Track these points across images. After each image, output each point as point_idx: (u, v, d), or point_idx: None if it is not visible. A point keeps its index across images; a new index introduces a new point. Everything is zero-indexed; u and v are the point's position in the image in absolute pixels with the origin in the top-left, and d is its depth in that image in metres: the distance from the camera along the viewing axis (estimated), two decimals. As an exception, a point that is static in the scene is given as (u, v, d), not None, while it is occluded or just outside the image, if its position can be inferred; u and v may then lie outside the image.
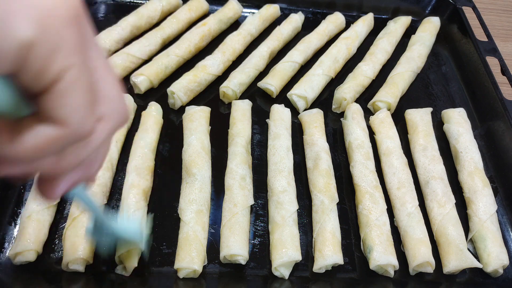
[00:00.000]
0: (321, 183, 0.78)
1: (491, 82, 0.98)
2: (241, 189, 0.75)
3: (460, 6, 1.17)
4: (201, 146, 0.81)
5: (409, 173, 0.82)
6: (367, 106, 0.97)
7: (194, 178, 0.76)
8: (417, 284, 0.73)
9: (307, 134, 0.88)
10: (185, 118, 0.86)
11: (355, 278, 0.72)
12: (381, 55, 1.06)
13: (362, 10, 1.21)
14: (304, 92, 0.93)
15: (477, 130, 0.97)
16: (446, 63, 1.13)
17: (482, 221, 0.76)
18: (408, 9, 1.23)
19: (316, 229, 0.73)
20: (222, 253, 0.69)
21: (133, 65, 0.97)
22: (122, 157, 0.81)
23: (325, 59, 1.01)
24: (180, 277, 0.67)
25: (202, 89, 0.94)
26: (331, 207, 0.75)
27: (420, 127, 0.90)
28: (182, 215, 0.71)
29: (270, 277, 0.70)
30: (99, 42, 0.95)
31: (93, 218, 0.54)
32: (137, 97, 0.92)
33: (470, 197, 0.80)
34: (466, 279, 0.74)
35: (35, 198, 0.70)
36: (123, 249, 0.65)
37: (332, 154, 0.86)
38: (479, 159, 0.85)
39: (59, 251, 0.69)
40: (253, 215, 0.77)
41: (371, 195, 0.77)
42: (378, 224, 0.73)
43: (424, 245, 0.72)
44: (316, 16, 1.20)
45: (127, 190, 0.73)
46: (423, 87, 1.06)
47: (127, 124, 0.32)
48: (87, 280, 0.66)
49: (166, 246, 0.71)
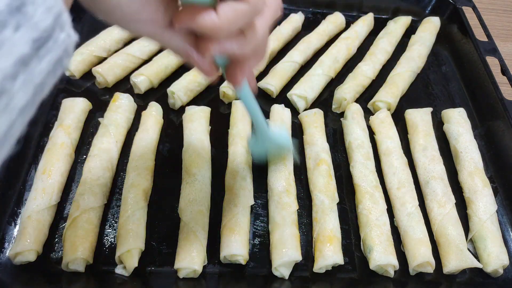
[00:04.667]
0: (321, 183, 0.78)
1: (491, 82, 0.98)
2: (241, 189, 0.75)
3: (460, 6, 1.17)
4: (201, 146, 0.81)
5: (409, 173, 0.82)
6: (367, 106, 0.97)
7: (194, 178, 0.76)
8: (417, 284, 0.73)
9: (307, 134, 0.88)
10: (185, 118, 0.86)
11: (355, 278, 0.72)
12: (381, 55, 1.06)
13: (362, 10, 1.21)
14: (304, 92, 0.93)
15: (477, 130, 0.97)
16: (446, 63, 1.13)
17: (482, 221, 0.76)
18: (408, 9, 1.23)
19: (316, 229, 0.73)
20: (222, 253, 0.69)
21: (133, 65, 0.96)
22: (122, 157, 0.81)
23: (325, 59, 1.01)
24: (180, 277, 0.67)
25: (202, 89, 0.94)
26: (331, 207, 0.75)
27: (420, 127, 0.90)
28: (182, 215, 0.71)
29: (270, 277, 0.70)
30: (99, 42, 0.95)
31: (254, 123, 0.67)
32: (137, 97, 0.92)
33: (470, 197, 0.80)
34: (466, 279, 0.74)
35: (35, 198, 0.70)
36: (275, 153, 0.78)
37: (332, 154, 0.86)
38: (479, 159, 0.85)
39: (59, 251, 0.69)
40: (253, 215, 0.77)
41: (371, 195, 0.77)
42: (378, 224, 0.73)
43: (424, 245, 0.72)
44: (316, 16, 1.20)
45: (127, 190, 0.73)
46: (423, 87, 1.06)
47: (275, 14, 0.48)
48: (87, 280, 0.66)
49: (166, 246, 0.71)
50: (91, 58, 0.95)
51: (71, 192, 0.76)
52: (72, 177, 0.78)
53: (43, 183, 0.72)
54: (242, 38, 0.43)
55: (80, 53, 0.94)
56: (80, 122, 0.83)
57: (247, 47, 0.44)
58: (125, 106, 0.86)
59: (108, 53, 0.98)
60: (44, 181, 0.72)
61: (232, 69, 0.48)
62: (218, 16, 0.38)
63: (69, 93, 0.91)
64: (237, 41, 0.43)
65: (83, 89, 0.93)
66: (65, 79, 0.93)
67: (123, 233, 0.68)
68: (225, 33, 0.40)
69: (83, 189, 0.72)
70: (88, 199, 0.70)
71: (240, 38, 0.43)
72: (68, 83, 0.93)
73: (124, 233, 0.68)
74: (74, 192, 0.75)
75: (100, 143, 0.79)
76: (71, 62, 0.92)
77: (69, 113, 0.82)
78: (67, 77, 0.93)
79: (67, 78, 0.94)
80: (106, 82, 0.93)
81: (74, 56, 0.93)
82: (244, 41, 0.43)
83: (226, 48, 0.43)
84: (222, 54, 0.45)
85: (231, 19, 0.39)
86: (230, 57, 0.47)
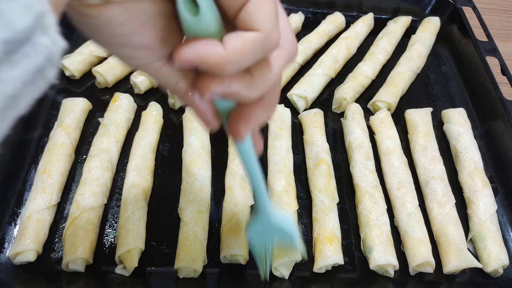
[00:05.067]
0: (321, 183, 0.78)
1: (491, 82, 0.98)
2: (241, 189, 0.75)
3: (460, 6, 1.17)
4: (201, 146, 0.81)
5: (409, 173, 0.82)
6: (367, 106, 0.97)
7: (194, 178, 0.76)
8: (417, 284, 0.73)
9: (307, 134, 0.88)
10: (185, 118, 0.86)
11: (355, 278, 0.72)
12: (381, 55, 1.06)
13: (362, 10, 1.21)
14: (304, 92, 0.94)
15: (477, 130, 0.97)
16: (446, 63, 1.13)
17: (482, 221, 0.76)
18: (408, 9, 1.23)
19: (316, 229, 0.73)
20: (222, 253, 0.69)
21: (133, 65, 0.96)
22: (122, 157, 0.81)
23: (325, 59, 1.01)
24: (180, 277, 0.67)
25: (202, 89, 0.94)
26: (331, 207, 0.75)
27: (420, 127, 0.90)
28: (182, 215, 0.71)
29: (270, 277, 0.70)
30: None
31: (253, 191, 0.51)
32: (137, 97, 0.92)
33: (470, 197, 0.80)
34: (466, 279, 0.74)
35: (35, 198, 0.70)
36: (283, 252, 0.66)
37: (332, 154, 0.86)
38: (479, 159, 0.85)
39: (59, 251, 0.69)
40: (253, 215, 0.77)
41: (371, 195, 0.77)
42: (378, 224, 0.73)
43: (424, 245, 0.72)
44: (316, 16, 1.20)
45: (127, 190, 0.73)
46: (423, 87, 1.06)
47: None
48: (87, 280, 0.66)
49: (166, 246, 0.71)
50: (91, 58, 0.95)
51: (71, 192, 0.76)
52: (72, 177, 0.78)
53: (43, 183, 0.72)
54: (250, 79, 0.36)
55: (80, 53, 0.94)
56: (80, 122, 0.83)
57: (256, 90, 0.37)
58: (125, 106, 0.86)
59: (108, 53, 0.97)
60: (44, 181, 0.72)
61: (235, 119, 0.40)
62: (224, 47, 0.32)
63: (69, 93, 0.91)
64: (245, 81, 0.35)
65: (83, 89, 0.93)
66: (65, 79, 0.94)
67: (123, 233, 0.68)
68: (232, 68, 0.33)
69: (83, 189, 0.72)
70: (88, 199, 0.70)
71: (248, 79, 0.36)
72: (68, 83, 0.93)
73: (124, 233, 0.68)
74: (74, 192, 0.75)
75: (100, 143, 0.79)
76: (71, 63, 0.92)
77: (69, 113, 0.82)
78: (67, 77, 0.94)
79: (67, 78, 0.94)
80: (106, 82, 0.93)
81: (74, 56, 0.93)
82: (252, 83, 0.36)
83: (231, 88, 0.35)
84: (225, 97, 0.37)
85: (239, 51, 0.32)
86: (235, 102, 0.39)
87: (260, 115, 0.40)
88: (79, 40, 0.99)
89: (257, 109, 0.39)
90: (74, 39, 1.01)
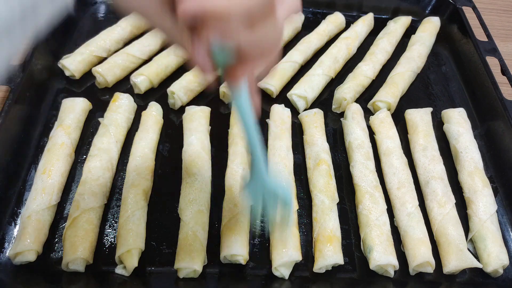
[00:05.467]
0: (321, 183, 0.78)
1: (491, 82, 0.98)
2: (241, 189, 0.75)
3: (460, 6, 1.17)
4: (201, 146, 0.81)
5: (409, 173, 0.82)
6: (367, 106, 0.97)
7: (194, 178, 0.76)
8: (417, 284, 0.73)
9: (307, 134, 0.88)
10: (185, 118, 0.86)
11: (355, 278, 0.72)
12: (381, 55, 1.06)
13: (362, 10, 1.21)
14: (304, 92, 0.94)
15: (477, 130, 0.97)
16: (446, 63, 1.13)
17: (482, 221, 0.76)
18: (408, 9, 1.23)
19: (316, 229, 0.73)
20: (222, 253, 0.69)
21: (133, 65, 0.96)
22: (122, 157, 0.81)
23: (325, 59, 1.01)
24: (180, 277, 0.67)
25: (202, 89, 0.94)
26: (331, 207, 0.75)
27: (420, 127, 0.90)
28: (182, 215, 0.71)
29: (270, 277, 0.70)
30: (99, 42, 0.95)
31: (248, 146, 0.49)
32: (137, 97, 0.92)
33: (470, 197, 0.80)
34: (466, 279, 0.74)
35: (35, 198, 0.70)
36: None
37: (332, 154, 0.86)
38: (479, 159, 0.85)
39: (59, 251, 0.69)
40: (253, 215, 0.77)
41: (371, 195, 0.77)
42: (378, 224, 0.73)
43: (424, 245, 0.72)
44: (316, 16, 1.20)
45: (127, 190, 0.73)
46: (423, 87, 1.06)
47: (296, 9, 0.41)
48: (87, 280, 0.66)
49: (166, 246, 0.71)
50: (91, 58, 0.95)
51: (71, 192, 0.76)
52: (72, 177, 0.78)
53: (43, 183, 0.72)
54: (251, 30, 0.36)
55: (80, 53, 0.94)
56: (80, 122, 0.84)
57: (256, 39, 0.37)
58: (125, 106, 0.86)
59: (108, 53, 0.98)
60: (44, 181, 0.72)
61: (232, 67, 0.40)
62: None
63: (69, 93, 0.91)
64: (245, 30, 0.36)
65: (83, 89, 0.93)
66: (65, 79, 0.94)
67: (123, 233, 0.68)
68: (235, 17, 0.34)
69: (83, 189, 0.72)
70: (88, 199, 0.70)
71: (249, 29, 0.36)
72: (68, 83, 0.93)
73: (124, 233, 0.68)
74: (74, 192, 0.75)
75: (100, 143, 0.79)
76: (71, 63, 0.92)
77: (69, 113, 0.82)
78: (67, 77, 0.94)
79: (67, 78, 0.94)
80: (106, 82, 0.93)
81: (74, 56, 0.93)
82: (253, 32, 0.36)
83: (232, 35, 0.36)
84: (224, 45, 0.37)
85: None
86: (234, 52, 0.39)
87: (259, 63, 0.41)
88: (79, 40, 0.99)
89: (256, 57, 0.40)
90: (74, 39, 1.01)
